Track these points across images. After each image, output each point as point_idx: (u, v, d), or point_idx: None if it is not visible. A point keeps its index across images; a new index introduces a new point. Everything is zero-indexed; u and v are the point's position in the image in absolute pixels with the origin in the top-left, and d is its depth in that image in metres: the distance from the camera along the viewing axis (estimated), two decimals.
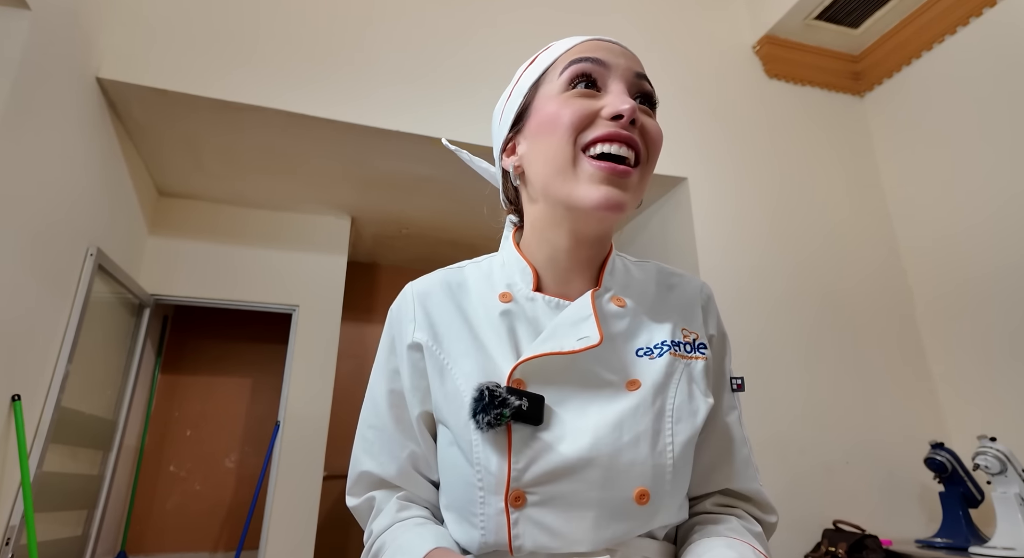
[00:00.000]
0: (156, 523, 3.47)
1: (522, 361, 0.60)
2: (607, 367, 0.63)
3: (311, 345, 3.12)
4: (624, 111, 0.59)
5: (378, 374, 0.71)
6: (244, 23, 2.33)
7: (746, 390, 2.38)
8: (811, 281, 2.69)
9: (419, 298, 0.70)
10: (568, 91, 0.63)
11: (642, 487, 0.58)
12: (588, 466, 0.57)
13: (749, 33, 3.09)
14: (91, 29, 2.04)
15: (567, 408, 0.60)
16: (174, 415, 3.68)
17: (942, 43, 2.71)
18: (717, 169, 2.78)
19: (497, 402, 0.57)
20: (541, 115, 0.64)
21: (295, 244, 3.27)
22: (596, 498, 0.57)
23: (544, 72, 0.67)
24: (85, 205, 2.18)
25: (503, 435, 0.58)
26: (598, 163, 0.60)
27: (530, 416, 0.58)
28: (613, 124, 0.60)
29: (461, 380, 0.62)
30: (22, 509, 1.88)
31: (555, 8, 2.82)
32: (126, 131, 2.46)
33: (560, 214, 0.64)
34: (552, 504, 0.57)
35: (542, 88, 0.66)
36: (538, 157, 0.64)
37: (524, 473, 0.57)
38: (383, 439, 0.68)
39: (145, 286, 2.90)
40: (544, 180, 0.63)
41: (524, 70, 0.71)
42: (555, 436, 0.58)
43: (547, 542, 0.57)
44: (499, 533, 0.57)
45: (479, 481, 0.59)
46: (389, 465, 0.67)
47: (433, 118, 2.44)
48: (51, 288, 2.01)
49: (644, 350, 0.65)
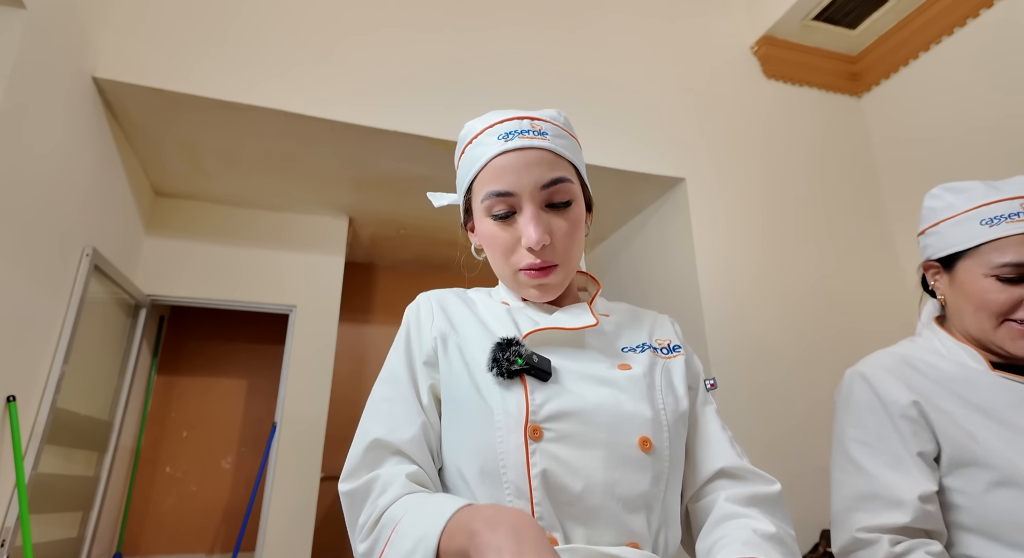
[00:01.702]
0: (152, 524, 3.46)
1: (531, 332, 0.73)
2: (601, 351, 0.75)
3: (308, 346, 3.11)
4: (532, 244, 0.72)
5: (397, 353, 0.77)
6: (241, 23, 2.32)
7: (745, 391, 2.39)
8: (810, 282, 2.69)
9: (435, 299, 0.82)
10: (489, 217, 0.76)
11: (644, 435, 0.67)
12: (596, 410, 0.67)
13: (747, 34, 3.09)
14: (87, 28, 2.04)
15: (571, 372, 0.71)
16: (170, 416, 3.67)
17: (939, 44, 2.72)
18: (715, 169, 2.78)
19: (514, 346, 0.68)
20: (481, 232, 0.78)
21: (292, 244, 3.27)
22: (605, 439, 0.66)
23: (472, 181, 0.78)
24: (81, 205, 2.17)
25: (519, 384, 0.68)
26: (530, 274, 0.75)
27: (540, 370, 0.68)
28: (530, 254, 0.74)
29: (478, 353, 0.72)
30: (17, 511, 1.87)
31: (555, 9, 2.82)
32: (122, 131, 2.46)
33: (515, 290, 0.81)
34: (566, 441, 0.65)
35: (474, 199, 0.78)
36: (489, 257, 0.80)
37: (541, 408, 0.66)
38: (399, 407, 0.71)
39: (141, 286, 2.88)
40: (499, 273, 0.81)
41: (462, 151, 0.81)
42: (564, 388, 0.69)
43: (562, 473, 0.63)
44: (518, 467, 0.64)
45: (499, 422, 0.66)
46: (405, 429, 0.69)
47: (432, 118, 2.43)
48: (46, 288, 2.00)
49: (628, 348, 0.78)
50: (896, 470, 0.87)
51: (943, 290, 0.97)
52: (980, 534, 0.83)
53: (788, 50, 3.04)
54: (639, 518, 0.64)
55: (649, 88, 2.84)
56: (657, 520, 0.66)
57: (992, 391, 0.88)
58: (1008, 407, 0.86)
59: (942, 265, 0.97)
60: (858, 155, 3.03)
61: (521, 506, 0.63)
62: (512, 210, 0.74)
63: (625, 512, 0.64)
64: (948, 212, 0.95)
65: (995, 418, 0.85)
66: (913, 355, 0.97)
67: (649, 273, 3.01)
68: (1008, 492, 0.80)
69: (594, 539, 0.63)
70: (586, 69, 2.76)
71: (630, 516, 0.64)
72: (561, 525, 0.63)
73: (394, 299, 4.28)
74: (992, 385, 0.89)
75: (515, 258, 0.75)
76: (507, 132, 0.75)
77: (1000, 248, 0.87)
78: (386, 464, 0.66)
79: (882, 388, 0.92)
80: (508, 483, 0.64)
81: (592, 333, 0.77)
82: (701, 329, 2.47)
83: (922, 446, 0.87)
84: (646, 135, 2.73)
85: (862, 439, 0.92)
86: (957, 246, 0.92)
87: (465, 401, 0.70)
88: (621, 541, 0.63)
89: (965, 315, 0.93)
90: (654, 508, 0.66)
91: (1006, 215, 0.88)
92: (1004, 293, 0.87)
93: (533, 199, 0.74)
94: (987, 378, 0.90)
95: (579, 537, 0.63)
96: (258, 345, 3.93)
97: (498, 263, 0.78)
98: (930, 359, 0.95)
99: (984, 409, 0.86)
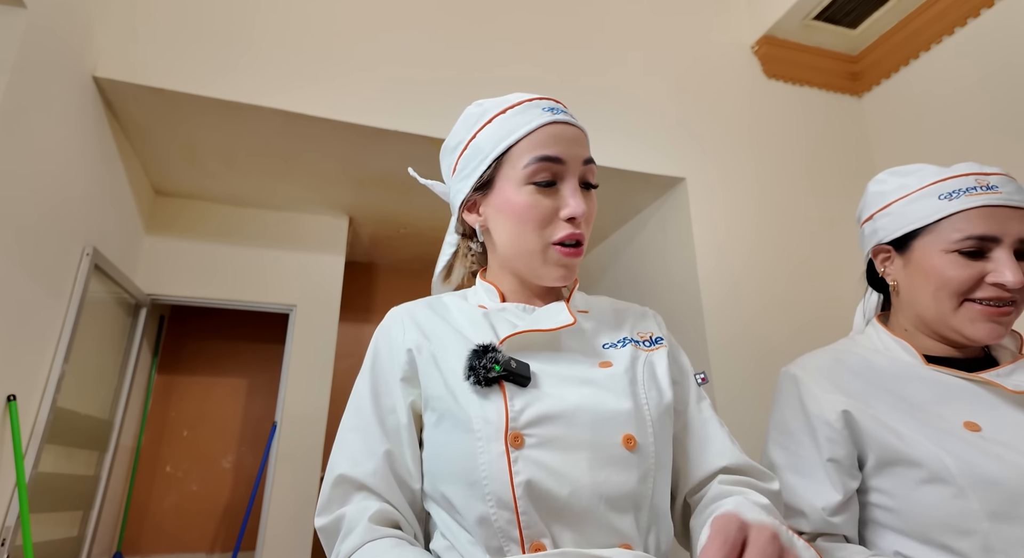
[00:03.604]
0: (152, 524, 3.46)
1: (508, 336, 0.70)
2: (581, 351, 0.73)
3: (308, 345, 3.12)
4: (578, 215, 0.72)
5: (362, 380, 0.75)
6: (241, 22, 2.32)
7: (744, 390, 2.39)
8: (809, 281, 2.69)
9: (406, 312, 0.79)
10: (530, 185, 0.73)
11: (628, 432, 0.65)
12: (577, 411, 0.65)
13: (748, 33, 3.09)
14: (88, 28, 2.04)
15: (550, 375, 0.69)
16: (171, 415, 3.67)
17: (940, 44, 2.72)
18: (715, 169, 2.78)
19: (490, 352, 0.66)
20: (509, 202, 0.74)
21: (292, 244, 3.27)
22: (588, 440, 0.64)
23: (508, 150, 0.75)
24: (82, 204, 2.17)
25: (497, 391, 0.66)
26: (562, 250, 0.73)
27: (519, 376, 0.66)
28: (570, 225, 0.73)
29: (454, 361, 0.70)
30: (17, 510, 1.87)
31: (555, 9, 2.82)
32: (123, 130, 2.46)
33: (524, 273, 0.77)
34: (548, 446, 0.63)
35: (505, 168, 0.75)
36: (505, 233, 0.76)
37: (521, 415, 0.64)
38: (361, 438, 0.70)
39: (141, 286, 2.89)
40: (513, 252, 0.76)
41: (482, 126, 0.78)
42: (543, 392, 0.67)
43: (546, 479, 0.62)
44: (501, 476, 0.61)
45: (478, 433, 0.64)
46: (366, 462, 0.67)
47: (432, 118, 2.43)
48: (47, 288, 2.00)
49: (609, 344, 0.76)
50: (803, 476, 0.85)
51: (895, 275, 0.93)
52: (910, 536, 0.79)
53: (788, 50, 3.04)
54: (628, 518, 0.63)
55: (649, 88, 2.83)
56: (646, 519, 0.65)
57: (923, 385, 0.85)
58: (938, 401, 0.83)
59: (895, 248, 0.93)
60: (858, 155, 3.03)
61: (505, 516, 0.61)
62: (554, 180, 0.73)
63: (613, 513, 0.63)
64: (901, 192, 0.92)
65: (924, 412, 0.82)
66: (848, 353, 0.94)
67: (649, 273, 3.01)
68: (934, 489, 0.77)
69: (583, 543, 0.61)
70: (587, 69, 2.76)
71: (619, 517, 0.63)
72: (549, 531, 0.61)
73: (394, 298, 4.27)
74: (924, 379, 0.86)
75: (550, 230, 0.73)
76: (551, 107, 0.77)
77: (961, 221, 0.83)
78: (352, 501, 0.66)
79: (807, 392, 0.89)
80: (490, 494, 0.62)
81: (571, 333, 0.75)
82: (701, 329, 2.47)
83: (835, 452, 0.84)
84: (646, 135, 2.73)
85: (780, 442, 0.90)
86: (915, 223, 0.88)
87: (443, 412, 0.68)
88: (611, 543, 0.62)
89: (922, 298, 0.88)
90: (643, 507, 0.65)
91: (964, 189, 0.85)
92: (966, 269, 0.83)
93: (576, 172, 0.74)
94: (919, 372, 0.87)
95: (568, 541, 0.61)
96: (258, 344, 3.93)
97: (527, 236, 0.73)
98: (866, 356, 0.93)
99: (914, 404, 0.83)
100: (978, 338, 0.84)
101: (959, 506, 0.75)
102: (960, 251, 0.84)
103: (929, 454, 0.78)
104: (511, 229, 0.75)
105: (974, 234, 0.82)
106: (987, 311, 0.83)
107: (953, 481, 0.75)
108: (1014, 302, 0.83)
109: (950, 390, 0.84)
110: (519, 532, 0.60)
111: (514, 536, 0.61)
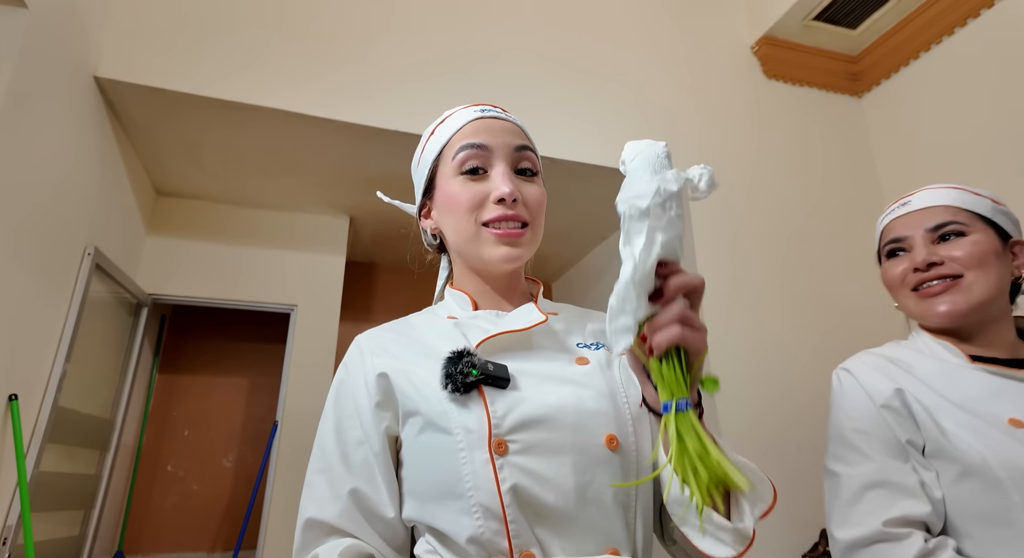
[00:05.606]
0: (153, 523, 3.46)
1: (483, 340, 0.70)
2: (556, 349, 0.74)
3: (309, 345, 3.12)
4: (505, 195, 0.73)
5: (325, 419, 0.74)
6: (242, 22, 2.33)
7: (745, 391, 2.39)
8: (810, 281, 2.69)
9: (371, 338, 0.78)
10: (460, 175, 0.76)
11: (610, 432, 0.65)
12: (559, 413, 0.65)
13: (747, 34, 3.09)
14: (89, 28, 2.04)
15: (528, 375, 0.68)
16: (172, 415, 3.67)
17: (940, 44, 2.72)
18: (715, 169, 2.77)
19: (465, 357, 0.65)
20: (444, 194, 0.78)
21: (293, 244, 3.27)
22: (571, 442, 0.64)
23: (442, 149, 0.80)
24: (83, 204, 2.18)
25: (477, 397, 0.65)
26: (495, 231, 0.74)
27: (497, 378, 0.65)
28: (500, 206, 0.74)
29: (427, 374, 0.69)
30: (19, 509, 1.88)
31: (555, 11, 2.82)
32: (124, 130, 2.46)
33: (474, 264, 0.79)
34: (532, 452, 0.63)
35: (441, 166, 0.80)
36: (448, 226, 0.79)
37: (503, 421, 0.63)
38: (326, 480, 0.70)
39: (143, 286, 2.89)
40: (457, 245, 0.79)
41: (427, 139, 0.84)
42: (524, 394, 0.66)
43: (531, 484, 0.61)
44: (487, 486, 0.61)
45: (460, 443, 0.63)
46: (332, 505, 0.68)
47: (432, 118, 2.43)
48: (48, 287, 2.00)
49: (582, 344, 0.77)
50: (897, 457, 0.88)
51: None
52: (950, 528, 0.84)
53: (788, 50, 3.04)
54: (617, 521, 0.63)
55: (649, 88, 2.84)
56: (634, 520, 0.65)
57: (968, 383, 0.89)
58: (980, 399, 0.86)
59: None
60: (858, 155, 3.03)
61: (493, 527, 0.60)
62: (483, 168, 0.76)
63: (601, 517, 0.62)
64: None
65: (966, 410, 0.85)
66: (895, 354, 0.99)
67: None
68: (970, 483, 0.81)
69: (572, 549, 0.61)
70: (587, 69, 2.76)
71: (607, 520, 0.63)
72: (537, 540, 0.60)
73: (395, 298, 4.28)
74: (969, 378, 0.90)
75: (481, 212, 0.75)
76: (482, 109, 0.82)
77: None
78: (323, 544, 0.67)
79: (865, 379, 0.95)
80: (476, 506, 0.61)
81: (544, 333, 0.75)
82: None
83: (909, 435, 0.89)
84: (646, 135, 2.71)
85: (860, 428, 0.93)
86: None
87: (423, 427, 0.67)
88: (600, 548, 0.62)
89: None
90: (629, 507, 0.65)
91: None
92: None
93: (506, 159, 0.77)
94: (964, 371, 0.91)
95: (557, 549, 0.60)
96: (259, 344, 3.93)
97: (462, 221, 0.76)
98: (910, 358, 0.97)
99: (957, 402, 0.87)
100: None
101: (999, 498, 0.78)
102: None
103: (971, 450, 0.82)
104: (450, 220, 0.78)
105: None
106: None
107: (993, 475, 0.79)
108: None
109: (995, 388, 0.88)
110: (508, 542, 0.60)
111: (503, 548, 0.60)
